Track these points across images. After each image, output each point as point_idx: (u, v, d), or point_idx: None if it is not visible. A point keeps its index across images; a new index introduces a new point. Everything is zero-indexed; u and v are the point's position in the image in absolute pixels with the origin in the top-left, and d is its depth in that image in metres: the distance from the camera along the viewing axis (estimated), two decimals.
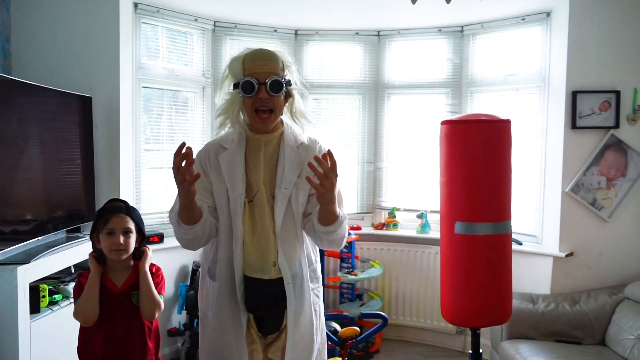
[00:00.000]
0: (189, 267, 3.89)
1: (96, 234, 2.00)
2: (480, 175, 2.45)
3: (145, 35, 3.78)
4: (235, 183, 1.87)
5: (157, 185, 3.88)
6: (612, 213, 3.56)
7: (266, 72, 1.83)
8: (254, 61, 1.85)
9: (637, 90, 3.49)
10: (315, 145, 1.99)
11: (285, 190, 1.88)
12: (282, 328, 1.91)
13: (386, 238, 4.35)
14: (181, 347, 3.76)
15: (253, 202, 1.89)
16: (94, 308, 1.91)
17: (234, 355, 1.87)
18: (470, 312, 2.50)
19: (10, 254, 2.62)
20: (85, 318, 1.90)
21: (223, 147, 1.92)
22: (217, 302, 1.89)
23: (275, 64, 1.86)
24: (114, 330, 1.96)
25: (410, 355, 4.06)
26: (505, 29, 4.02)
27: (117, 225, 1.97)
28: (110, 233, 1.96)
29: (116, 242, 1.95)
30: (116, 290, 1.99)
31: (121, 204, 2.04)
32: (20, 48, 3.35)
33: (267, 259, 1.86)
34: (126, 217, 2.00)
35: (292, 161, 1.92)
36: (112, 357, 1.96)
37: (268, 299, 1.88)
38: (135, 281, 2.00)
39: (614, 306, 3.31)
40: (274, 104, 1.85)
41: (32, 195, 2.84)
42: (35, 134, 2.88)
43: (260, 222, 1.87)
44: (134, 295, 1.99)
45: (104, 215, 1.99)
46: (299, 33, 4.40)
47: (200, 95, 4.12)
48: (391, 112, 4.49)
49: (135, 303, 1.99)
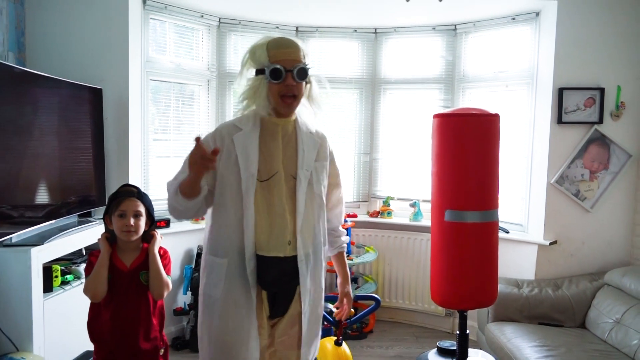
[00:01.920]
0: (194, 250, 3.91)
1: (109, 216, 2.04)
2: (470, 166, 2.46)
3: (154, 31, 3.77)
4: (249, 162, 1.82)
5: (165, 173, 3.88)
6: (595, 204, 3.58)
7: (292, 60, 1.82)
8: (279, 49, 1.82)
9: (621, 88, 3.50)
10: (325, 138, 2.03)
11: (306, 172, 1.90)
12: (286, 312, 1.90)
13: (380, 225, 4.36)
14: (186, 325, 3.79)
15: (268, 183, 1.84)
16: (102, 285, 1.94)
17: (244, 329, 1.82)
18: (459, 295, 2.52)
19: (25, 236, 2.64)
20: (94, 294, 1.94)
21: (238, 127, 1.88)
22: (226, 278, 1.83)
23: (299, 52, 1.84)
24: (122, 307, 2.00)
25: (401, 336, 4.09)
26: (496, 28, 4.02)
27: (129, 208, 2.01)
28: (122, 215, 2.00)
29: (127, 223, 1.99)
30: (125, 269, 2.02)
31: (133, 189, 2.08)
32: (34, 42, 3.34)
33: (282, 238, 1.83)
34: (137, 201, 2.04)
35: (309, 145, 1.93)
36: (119, 332, 2.00)
37: (282, 276, 1.85)
38: (143, 262, 2.04)
39: (594, 291, 3.34)
40: (298, 90, 1.84)
41: (46, 181, 2.85)
42: (48, 124, 2.89)
43: (277, 202, 1.84)
44: (142, 274, 2.03)
45: (117, 198, 2.03)
46: (300, 30, 4.39)
47: (205, 88, 4.12)
48: (387, 106, 4.49)
49: (143, 282, 2.02)
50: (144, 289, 2.03)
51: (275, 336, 1.91)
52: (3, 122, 2.47)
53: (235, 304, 1.83)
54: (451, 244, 2.51)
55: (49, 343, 2.62)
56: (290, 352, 1.94)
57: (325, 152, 2.00)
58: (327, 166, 2.00)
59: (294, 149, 1.91)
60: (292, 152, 1.91)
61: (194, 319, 3.70)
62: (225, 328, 1.84)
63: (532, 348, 2.84)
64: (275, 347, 1.92)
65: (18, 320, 2.49)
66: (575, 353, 2.79)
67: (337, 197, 2.13)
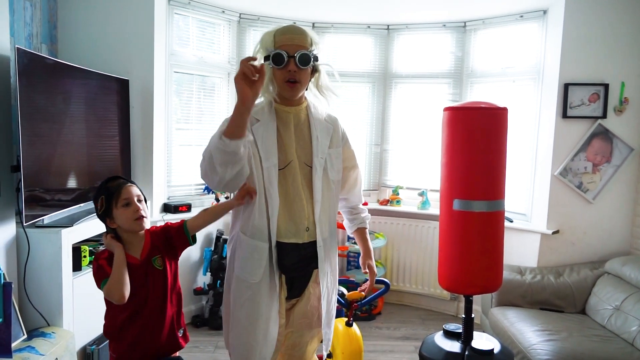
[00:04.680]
0: (214, 234, 3.90)
1: (109, 214, 1.79)
2: (478, 157, 2.41)
3: (177, 25, 3.74)
4: (269, 152, 1.77)
5: (187, 161, 3.88)
6: (597, 195, 3.51)
7: (296, 45, 1.73)
8: (284, 34, 1.75)
9: (625, 84, 3.41)
10: (337, 121, 1.96)
11: (321, 160, 1.84)
12: (302, 294, 1.88)
13: (390, 213, 4.33)
14: (205, 304, 3.80)
15: (283, 171, 1.79)
16: (127, 286, 1.69)
17: (270, 313, 1.78)
18: (464, 280, 2.48)
19: (56, 218, 2.65)
20: (120, 296, 1.67)
21: (256, 118, 1.80)
22: (262, 264, 1.77)
23: (305, 39, 1.76)
24: (143, 299, 1.80)
25: (408, 318, 4.07)
26: (504, 25, 3.93)
27: (131, 194, 1.80)
28: (127, 204, 1.78)
29: (137, 208, 1.78)
30: (137, 262, 1.80)
31: (123, 179, 1.86)
32: (65, 34, 3.33)
33: (301, 224, 1.79)
34: (134, 185, 1.83)
35: (323, 132, 1.87)
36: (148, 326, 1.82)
37: (301, 261, 1.81)
38: (150, 247, 1.84)
39: (594, 279, 3.28)
40: (301, 76, 1.75)
41: (75, 167, 2.85)
42: (78, 112, 2.88)
43: (293, 190, 1.79)
44: (154, 260, 1.83)
45: (112, 192, 1.79)
46: (316, 25, 4.33)
47: (225, 80, 4.09)
48: (397, 99, 4.43)
49: (157, 267, 1.83)
50: (159, 273, 1.83)
51: (294, 318, 1.89)
52: (36, 111, 2.47)
53: (267, 287, 1.78)
54: (459, 231, 2.47)
55: (78, 319, 2.64)
56: (307, 332, 1.93)
57: (339, 138, 1.94)
58: (341, 151, 1.94)
59: (307, 136, 1.85)
60: (306, 140, 1.85)
61: (212, 299, 3.70)
62: (255, 310, 1.78)
63: (534, 332, 2.80)
64: (293, 328, 1.90)
65: (49, 297, 2.50)
66: (576, 337, 2.74)
67: (355, 177, 2.06)
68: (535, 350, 2.63)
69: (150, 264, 1.82)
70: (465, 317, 2.55)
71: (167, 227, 1.89)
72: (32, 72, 2.41)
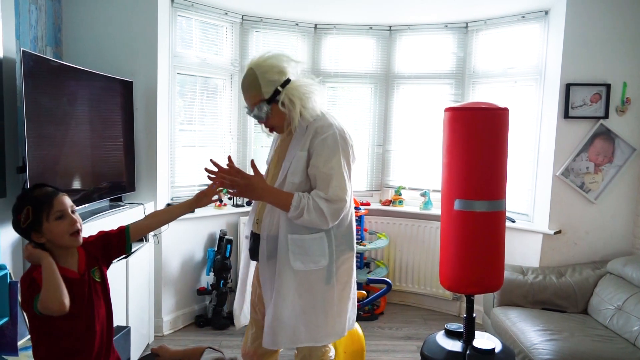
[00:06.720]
0: (217, 234, 3.92)
1: (38, 228, 1.54)
2: (479, 157, 2.42)
3: (181, 27, 3.76)
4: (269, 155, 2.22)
5: (190, 161, 3.90)
6: (598, 196, 3.51)
7: (248, 104, 1.97)
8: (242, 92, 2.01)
9: (627, 84, 3.41)
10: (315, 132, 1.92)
11: (287, 163, 1.97)
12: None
13: (392, 213, 4.34)
14: (209, 304, 3.82)
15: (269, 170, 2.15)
16: (65, 292, 1.45)
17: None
18: (466, 280, 2.49)
19: None
20: (60, 304, 1.43)
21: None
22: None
23: (250, 94, 1.94)
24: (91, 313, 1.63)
25: (411, 318, 4.07)
26: (506, 25, 3.94)
27: (65, 205, 1.57)
28: (61, 217, 1.55)
29: (73, 221, 1.56)
30: (76, 275, 1.60)
31: (50, 187, 1.61)
32: (70, 37, 3.36)
33: (255, 216, 2.09)
34: (65, 195, 1.60)
35: (299, 137, 1.97)
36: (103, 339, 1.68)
37: (252, 249, 2.10)
38: (87, 259, 1.65)
39: (596, 279, 3.28)
40: (269, 123, 2.00)
41: (80, 168, 2.87)
42: (83, 114, 2.90)
43: None
44: (93, 272, 1.66)
45: (43, 202, 1.55)
46: (318, 27, 4.35)
47: (228, 82, 4.11)
48: (400, 100, 4.44)
49: (97, 279, 1.67)
50: (99, 286, 1.68)
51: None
52: (41, 112, 2.49)
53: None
54: (460, 231, 2.48)
55: None
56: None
57: (307, 142, 1.93)
58: (305, 155, 1.93)
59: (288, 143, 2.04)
60: (286, 146, 2.03)
61: (215, 298, 3.72)
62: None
63: (536, 332, 2.81)
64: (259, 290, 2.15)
65: None
66: (578, 337, 2.74)
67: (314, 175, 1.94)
68: (537, 350, 2.63)
69: (90, 276, 1.65)
70: (467, 317, 2.56)
71: (106, 235, 1.74)
72: (38, 74, 2.43)
